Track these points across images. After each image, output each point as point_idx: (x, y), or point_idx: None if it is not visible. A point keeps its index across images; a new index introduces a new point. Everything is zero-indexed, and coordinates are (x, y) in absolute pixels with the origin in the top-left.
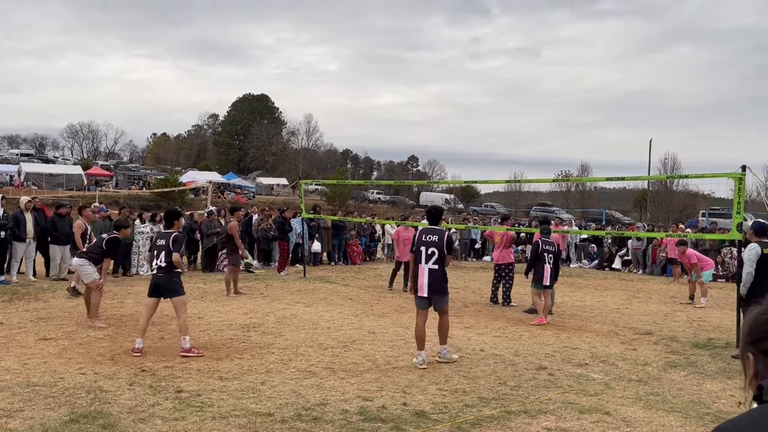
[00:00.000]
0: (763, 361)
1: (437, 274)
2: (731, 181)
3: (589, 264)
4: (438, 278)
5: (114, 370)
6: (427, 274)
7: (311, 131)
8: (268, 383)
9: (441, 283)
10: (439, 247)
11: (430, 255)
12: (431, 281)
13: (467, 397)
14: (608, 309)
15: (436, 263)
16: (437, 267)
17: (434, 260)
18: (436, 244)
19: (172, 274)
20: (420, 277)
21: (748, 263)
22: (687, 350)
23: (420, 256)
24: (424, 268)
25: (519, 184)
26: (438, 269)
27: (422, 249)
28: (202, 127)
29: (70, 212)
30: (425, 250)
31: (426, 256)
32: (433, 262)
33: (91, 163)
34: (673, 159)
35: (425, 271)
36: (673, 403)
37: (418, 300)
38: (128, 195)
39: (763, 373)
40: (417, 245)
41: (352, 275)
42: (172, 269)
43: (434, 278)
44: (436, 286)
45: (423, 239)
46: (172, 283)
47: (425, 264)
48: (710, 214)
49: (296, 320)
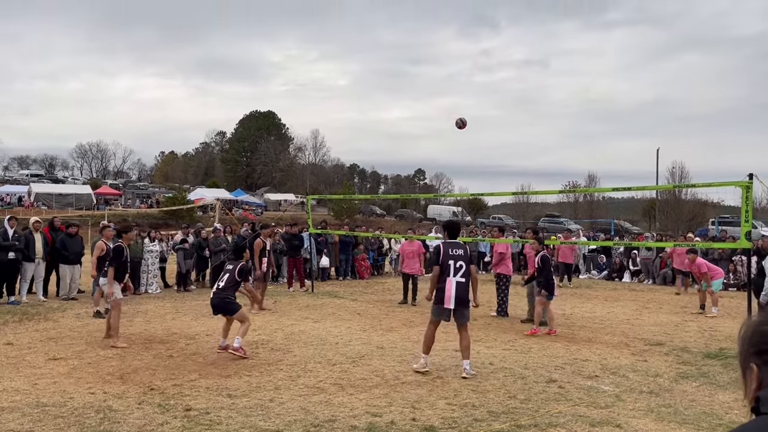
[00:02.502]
0: (767, 371)
1: (464, 286)
2: (740, 189)
3: (598, 275)
4: (464, 291)
5: (123, 390)
6: (455, 286)
7: (318, 146)
8: (276, 400)
9: (467, 296)
10: (466, 260)
11: (458, 268)
12: (459, 293)
13: (477, 412)
14: (618, 320)
15: (463, 276)
16: (464, 280)
17: (462, 273)
18: (463, 257)
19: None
20: (447, 290)
21: None
22: (698, 361)
23: (449, 270)
24: (452, 281)
25: (526, 196)
26: (465, 282)
27: (450, 263)
28: (209, 145)
29: (78, 231)
30: (453, 264)
31: (455, 270)
32: (461, 275)
33: (100, 183)
34: (681, 168)
35: (453, 284)
36: (685, 414)
37: (438, 310)
38: (137, 213)
39: (765, 384)
40: (444, 258)
41: (360, 290)
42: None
43: (461, 291)
44: (463, 298)
45: (450, 253)
46: (227, 303)
47: (453, 277)
48: (720, 222)
49: (304, 336)
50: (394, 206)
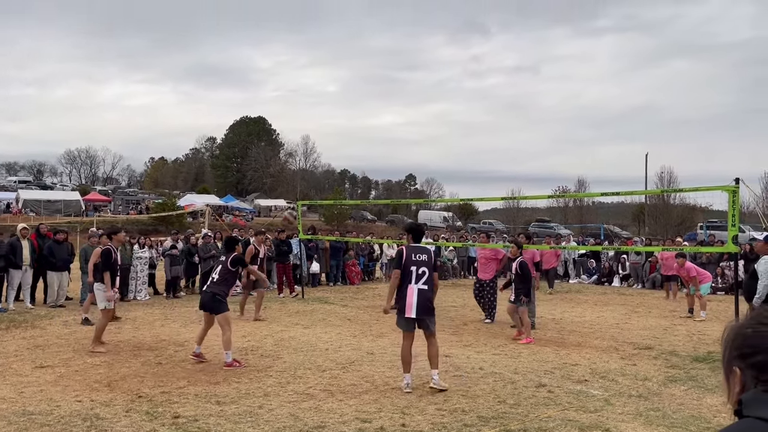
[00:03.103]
0: (751, 375)
1: (426, 294)
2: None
3: (588, 279)
4: (427, 299)
5: (110, 397)
6: (417, 294)
7: (309, 152)
8: (265, 407)
9: (431, 303)
10: (430, 266)
11: (420, 275)
12: (420, 302)
13: (466, 417)
14: (608, 324)
15: (426, 283)
16: (427, 287)
17: (424, 280)
18: (426, 263)
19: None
20: (408, 297)
21: (765, 276)
22: (687, 364)
23: (410, 276)
24: (413, 289)
25: (516, 201)
26: (427, 289)
27: (413, 269)
28: (200, 151)
29: (67, 238)
30: (416, 270)
31: (416, 276)
32: (423, 282)
33: (89, 189)
34: (669, 172)
35: (414, 291)
36: (673, 418)
37: (403, 322)
38: (126, 219)
39: (749, 387)
40: (406, 263)
41: (350, 295)
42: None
43: (423, 299)
44: (425, 307)
45: (413, 258)
46: (217, 301)
47: (415, 284)
48: (708, 226)
49: (294, 342)
50: (385, 212)
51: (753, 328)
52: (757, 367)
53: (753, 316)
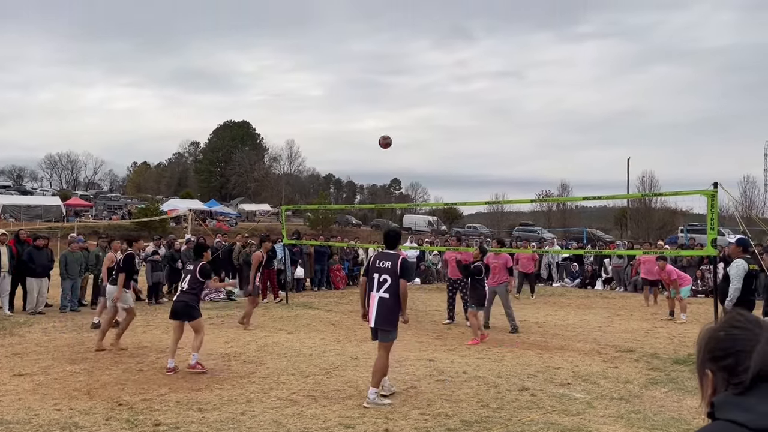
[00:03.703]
0: (722, 377)
1: (388, 303)
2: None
3: (571, 283)
4: (387, 309)
5: (90, 405)
6: (377, 303)
7: (293, 157)
8: (248, 413)
9: (390, 314)
10: (391, 273)
11: (381, 282)
12: (379, 311)
13: (450, 421)
14: (590, 327)
15: (387, 292)
16: (388, 296)
17: (385, 288)
18: (388, 270)
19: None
20: (370, 305)
21: (735, 279)
22: (668, 367)
23: (372, 284)
24: (375, 297)
25: (500, 205)
26: (389, 298)
27: (375, 276)
28: (183, 155)
29: (47, 244)
30: (377, 277)
31: (378, 284)
32: (384, 291)
33: (71, 194)
34: (651, 177)
35: (375, 299)
36: (654, 420)
37: (371, 331)
38: (108, 225)
39: (719, 389)
40: (369, 271)
41: (335, 300)
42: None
43: (383, 308)
44: (384, 317)
45: (376, 265)
46: (190, 308)
47: (376, 292)
48: (688, 230)
49: (278, 348)
50: (370, 216)
51: (725, 331)
52: (728, 369)
53: (726, 319)
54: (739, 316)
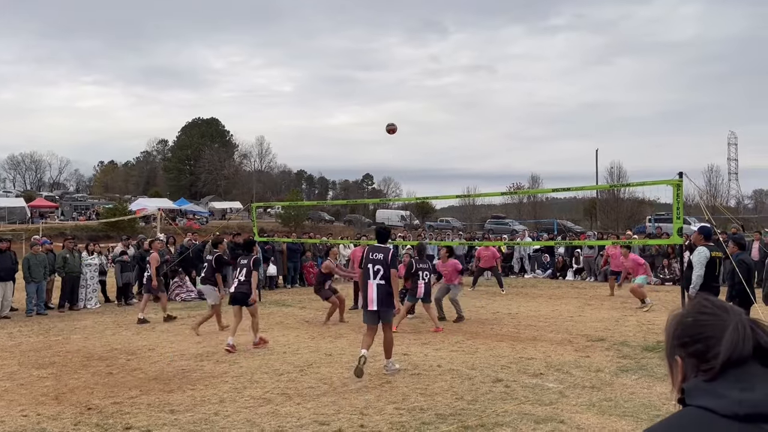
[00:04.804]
0: (691, 363)
1: (384, 288)
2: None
3: (542, 274)
4: (385, 293)
5: (58, 411)
6: (375, 289)
7: (264, 153)
8: (221, 413)
9: (388, 297)
10: (384, 264)
11: (376, 272)
12: (379, 296)
13: (424, 415)
14: (562, 318)
15: (382, 279)
16: (384, 282)
17: (380, 276)
18: (381, 261)
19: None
20: (369, 292)
21: (698, 266)
22: (638, 354)
23: (368, 273)
24: (373, 284)
25: (472, 199)
26: (384, 284)
27: (369, 266)
28: (151, 154)
29: (10, 247)
30: (372, 267)
31: (373, 273)
32: (380, 278)
33: (35, 195)
34: (619, 168)
35: (373, 286)
36: (625, 407)
37: (367, 315)
38: (75, 226)
39: (689, 376)
40: (365, 263)
41: (308, 297)
42: (248, 284)
43: (382, 293)
44: (383, 300)
45: (370, 257)
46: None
47: (373, 280)
48: (656, 219)
49: (251, 346)
50: (343, 212)
51: (693, 318)
52: (697, 355)
53: (693, 305)
54: (707, 301)
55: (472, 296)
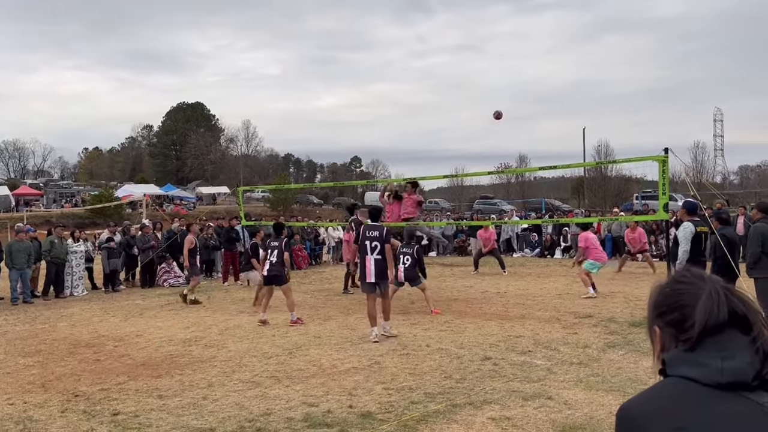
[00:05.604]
0: (669, 333)
1: (381, 263)
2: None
3: (531, 253)
4: (381, 266)
5: (45, 398)
6: (373, 263)
7: (250, 137)
8: (210, 398)
9: (384, 270)
10: (380, 240)
11: (374, 248)
12: (377, 269)
13: (413, 394)
14: (550, 295)
15: (379, 254)
16: (380, 257)
17: (377, 252)
18: (377, 238)
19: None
20: (368, 267)
21: (683, 242)
22: (624, 330)
23: (365, 249)
24: (370, 259)
25: (460, 179)
26: (381, 259)
27: (366, 243)
28: (136, 139)
29: None
30: (369, 244)
31: (371, 249)
32: (376, 254)
33: (19, 183)
34: (606, 146)
35: (371, 261)
36: (612, 382)
37: (367, 286)
38: (61, 213)
39: (668, 346)
40: (361, 240)
41: (297, 280)
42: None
43: (379, 267)
44: (381, 273)
45: (367, 235)
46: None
47: (370, 255)
48: (642, 196)
49: (240, 330)
50: (332, 195)
51: (670, 287)
52: (674, 325)
53: (672, 275)
54: (685, 271)
55: (460, 276)
